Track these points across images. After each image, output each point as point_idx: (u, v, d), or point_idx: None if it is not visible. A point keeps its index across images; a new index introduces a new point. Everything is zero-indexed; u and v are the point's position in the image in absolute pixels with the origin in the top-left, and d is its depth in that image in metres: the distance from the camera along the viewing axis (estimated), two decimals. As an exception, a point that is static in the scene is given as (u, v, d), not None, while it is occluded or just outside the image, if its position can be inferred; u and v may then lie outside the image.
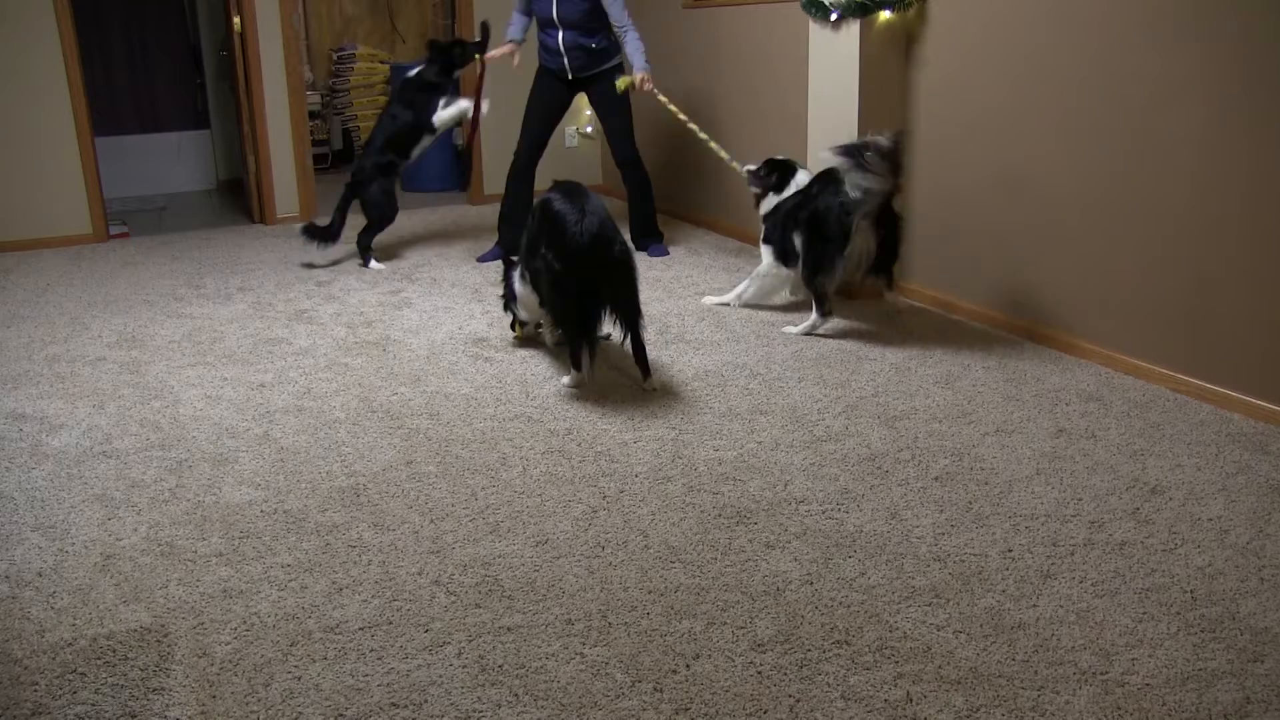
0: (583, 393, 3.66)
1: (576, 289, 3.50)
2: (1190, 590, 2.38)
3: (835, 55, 4.57)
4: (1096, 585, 2.40)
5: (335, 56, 9.57)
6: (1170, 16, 3.41)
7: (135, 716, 2.03)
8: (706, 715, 1.99)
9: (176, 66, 8.40)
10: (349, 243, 5.62)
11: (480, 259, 5.66)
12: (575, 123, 7.22)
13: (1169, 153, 3.48)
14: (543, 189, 3.96)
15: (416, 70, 5.53)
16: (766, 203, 4.51)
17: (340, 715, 2.02)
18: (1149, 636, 2.21)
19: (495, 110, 6.29)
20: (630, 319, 3.60)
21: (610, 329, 3.68)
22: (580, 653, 2.19)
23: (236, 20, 6.49)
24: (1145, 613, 2.29)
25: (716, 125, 5.91)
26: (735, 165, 4.96)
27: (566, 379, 3.73)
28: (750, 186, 4.65)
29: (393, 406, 3.57)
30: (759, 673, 2.11)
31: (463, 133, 5.45)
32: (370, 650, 2.21)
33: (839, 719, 1.98)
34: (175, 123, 8.46)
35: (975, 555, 2.54)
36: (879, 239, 4.06)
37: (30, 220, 6.22)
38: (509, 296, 4.07)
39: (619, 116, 5.51)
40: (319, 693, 2.08)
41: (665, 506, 2.83)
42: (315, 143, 8.50)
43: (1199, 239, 3.42)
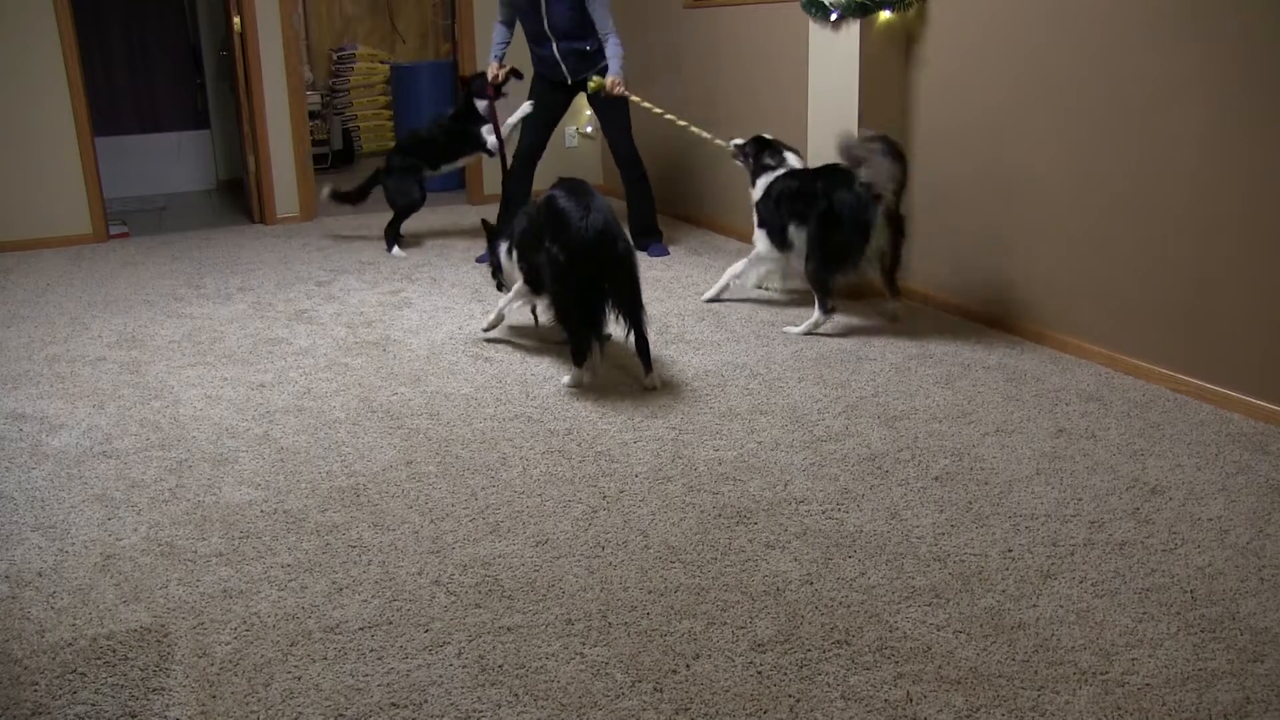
0: (583, 393, 3.66)
1: (580, 284, 3.54)
2: (1190, 590, 2.38)
3: (835, 55, 4.57)
4: (1096, 585, 2.40)
5: (335, 56, 9.58)
6: (1170, 16, 3.41)
7: (135, 716, 2.03)
8: (706, 715, 1.99)
9: (176, 66, 8.40)
10: (372, 234, 5.67)
11: (480, 259, 5.67)
12: (575, 123, 7.22)
13: (1169, 152, 3.48)
14: (542, 189, 3.97)
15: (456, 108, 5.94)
16: (758, 186, 4.51)
17: (340, 715, 2.02)
18: (1149, 636, 2.21)
19: (498, 109, 6.29)
20: (634, 315, 3.62)
21: (613, 328, 3.69)
22: (580, 653, 2.19)
23: (236, 20, 6.49)
24: (1145, 613, 2.29)
25: (716, 125, 5.90)
26: (720, 142, 4.96)
27: (567, 379, 3.73)
28: (734, 160, 4.69)
29: (393, 406, 3.57)
30: (759, 673, 2.11)
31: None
32: (370, 650, 2.21)
33: (839, 719, 1.98)
34: (175, 123, 8.46)
35: (975, 555, 2.54)
36: (892, 239, 4.09)
37: (30, 220, 6.22)
38: (495, 267, 4.22)
39: (617, 116, 5.52)
40: (319, 693, 2.08)
41: (665, 506, 2.83)
42: (315, 143, 8.49)
43: (1199, 239, 3.42)
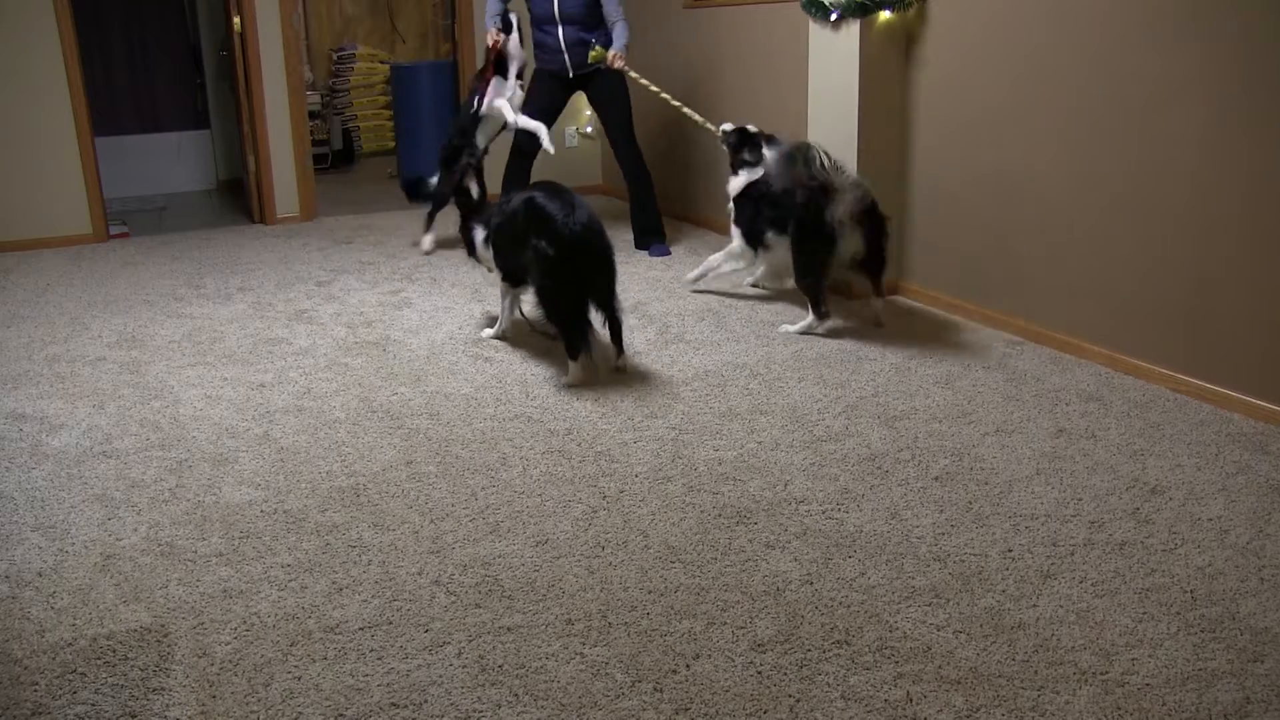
0: (583, 393, 3.66)
1: (569, 277, 3.61)
2: (1190, 590, 2.38)
3: (835, 55, 4.57)
4: (1096, 585, 2.40)
5: (335, 56, 9.57)
6: (1170, 16, 3.41)
7: (135, 716, 2.03)
8: (706, 715, 1.99)
9: (176, 66, 8.40)
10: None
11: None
12: (575, 123, 7.22)
13: (1169, 152, 3.48)
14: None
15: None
16: (735, 183, 4.55)
17: (340, 715, 2.02)
18: (1149, 636, 2.21)
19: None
20: (609, 303, 3.74)
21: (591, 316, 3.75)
22: (580, 653, 2.19)
23: (236, 20, 6.49)
24: (1145, 613, 2.29)
25: (716, 125, 5.90)
26: (711, 127, 5.01)
27: (566, 378, 3.73)
28: (721, 144, 4.74)
29: (393, 406, 3.57)
30: (759, 673, 2.11)
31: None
32: (370, 650, 2.21)
33: (839, 719, 1.98)
34: (175, 123, 8.46)
35: (975, 555, 2.54)
36: (866, 241, 4.11)
37: (30, 220, 6.22)
38: (469, 246, 4.27)
39: (619, 115, 5.52)
40: (319, 693, 2.08)
41: (665, 506, 2.83)
42: (315, 143, 8.49)
43: (1199, 239, 3.42)
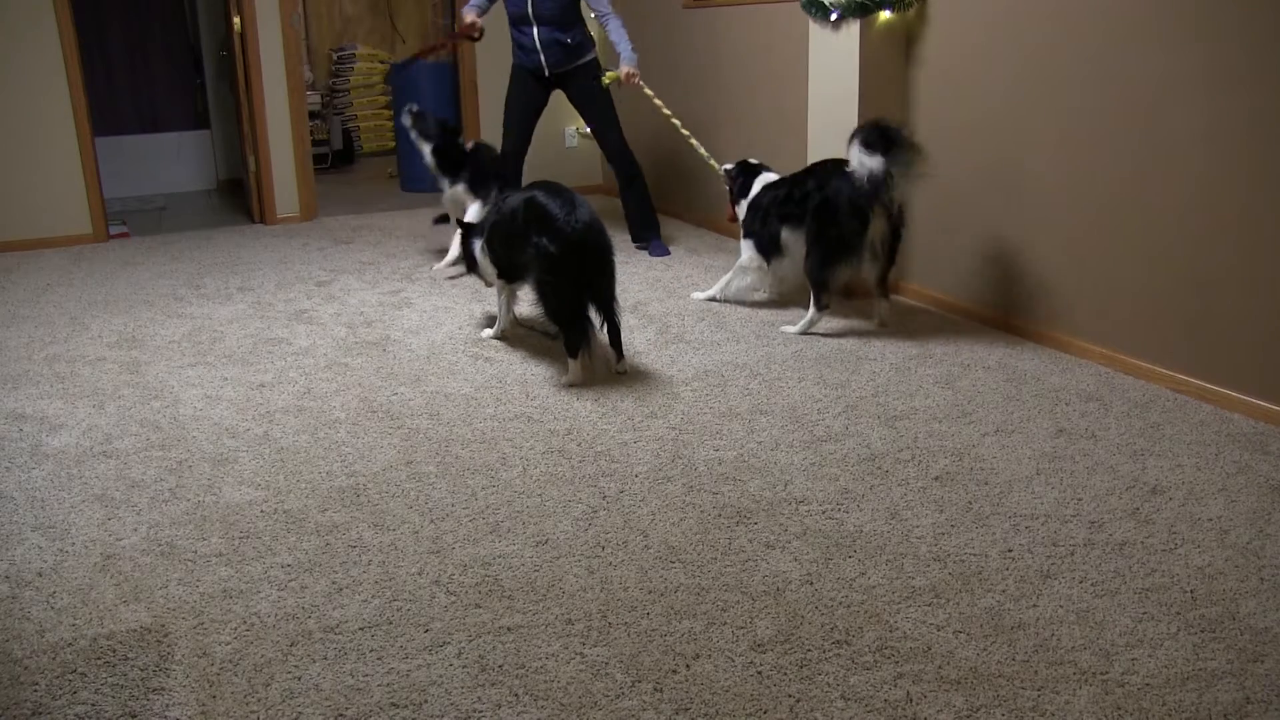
0: (583, 393, 3.66)
1: (571, 275, 3.61)
2: (1190, 590, 2.38)
3: (835, 55, 4.57)
4: (1096, 585, 2.40)
5: (335, 56, 9.58)
6: (1170, 16, 3.41)
7: (135, 716, 2.03)
8: (706, 715, 1.99)
9: (176, 66, 8.40)
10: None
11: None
12: (575, 123, 7.21)
13: (1169, 152, 3.48)
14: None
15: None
16: (743, 206, 4.56)
17: (340, 715, 2.02)
18: (1149, 636, 2.21)
19: (495, 111, 6.28)
20: (608, 304, 3.73)
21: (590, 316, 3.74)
22: (580, 653, 2.19)
23: (236, 20, 6.49)
24: (1145, 613, 2.29)
25: (716, 125, 5.91)
26: (714, 164, 5.04)
27: (566, 378, 3.73)
28: (724, 184, 4.75)
29: (393, 406, 3.57)
30: (759, 673, 2.11)
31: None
32: (370, 650, 2.21)
33: (839, 719, 1.98)
34: (175, 123, 8.46)
35: (975, 555, 2.54)
36: (892, 233, 4.08)
37: (30, 220, 6.22)
38: (470, 261, 4.25)
39: (602, 113, 5.49)
40: (319, 693, 2.08)
41: (665, 506, 2.83)
42: (315, 143, 8.50)
43: (1199, 239, 3.42)
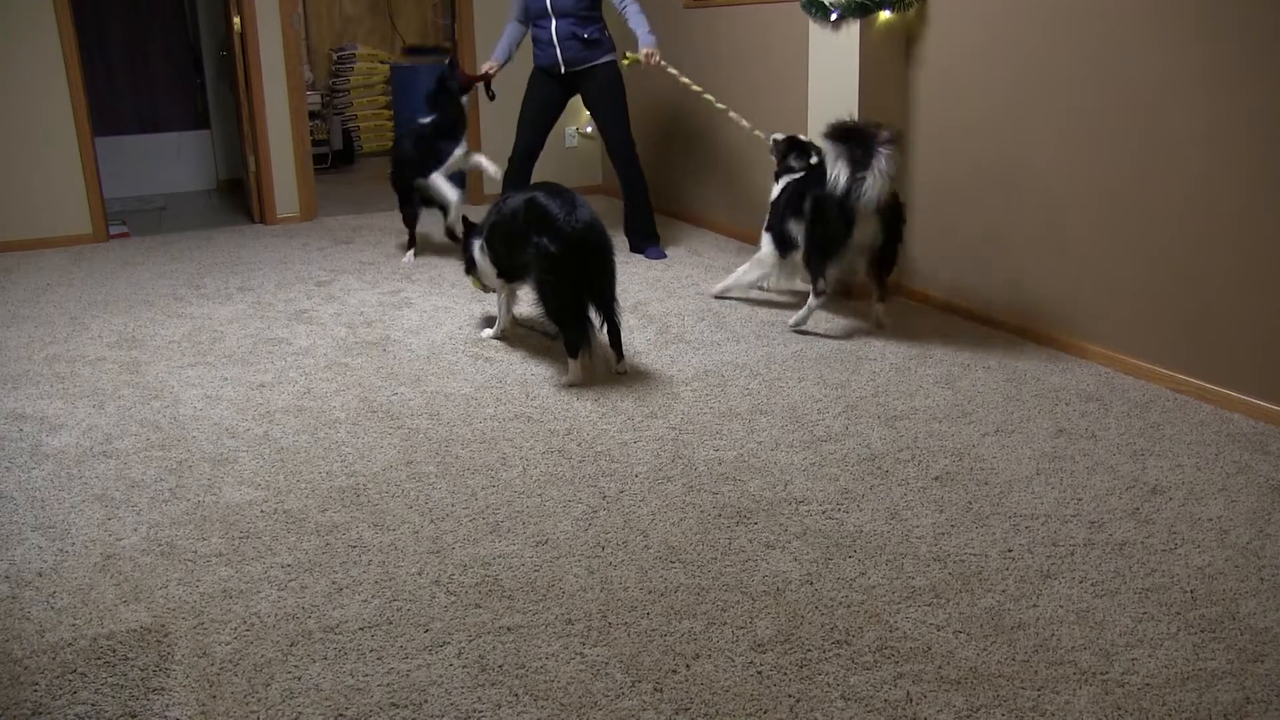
0: (583, 393, 3.66)
1: (571, 274, 3.62)
2: (1190, 590, 2.38)
3: (835, 55, 4.57)
4: (1096, 585, 2.40)
5: (335, 56, 9.58)
6: (1171, 16, 3.41)
7: (135, 716, 2.03)
8: (706, 715, 1.99)
9: (176, 66, 8.40)
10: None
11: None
12: (575, 123, 7.22)
13: (1169, 152, 3.48)
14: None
15: (430, 120, 5.59)
16: (777, 187, 4.53)
17: (340, 715, 2.02)
18: (1149, 636, 2.21)
19: (495, 112, 6.29)
20: (608, 305, 3.74)
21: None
22: (580, 653, 2.19)
23: (236, 20, 6.49)
24: (1145, 613, 2.29)
25: (716, 126, 5.91)
26: (759, 134, 4.93)
27: (566, 378, 3.73)
28: (771, 155, 4.69)
29: (393, 406, 3.57)
30: (759, 673, 2.11)
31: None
32: (370, 650, 2.21)
33: (839, 719, 1.98)
34: (175, 123, 8.46)
35: (975, 555, 2.54)
36: (885, 234, 4.07)
37: (30, 220, 6.22)
38: (469, 263, 4.25)
39: (613, 115, 5.50)
40: (319, 693, 2.08)
41: (665, 506, 2.83)
42: (315, 143, 8.50)
43: (1199, 239, 3.42)
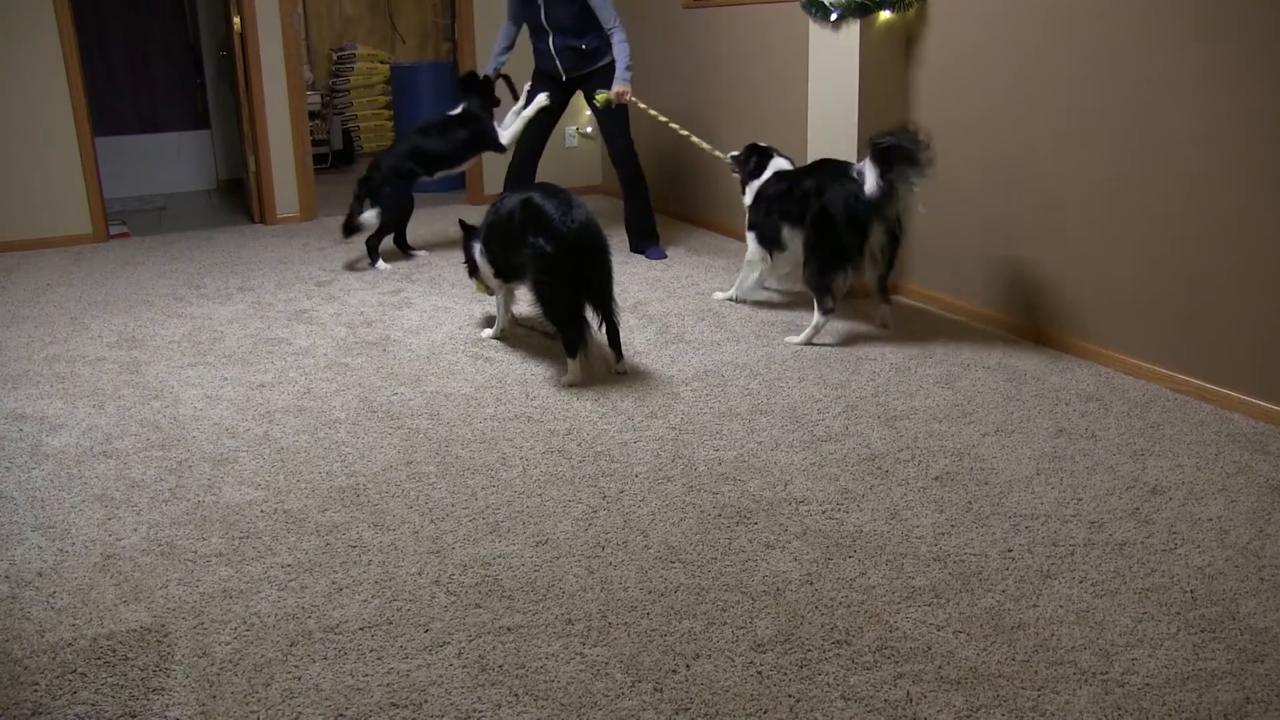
0: (582, 393, 3.66)
1: (568, 275, 3.63)
2: (1190, 590, 2.38)
3: (835, 55, 4.57)
4: (1096, 585, 2.40)
5: (335, 56, 9.58)
6: (1171, 16, 3.41)
7: (135, 716, 2.03)
8: (706, 715, 1.99)
9: (176, 66, 8.40)
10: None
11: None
12: (575, 123, 7.22)
13: (1169, 153, 3.48)
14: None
15: (462, 108, 5.66)
16: (750, 191, 4.55)
17: (340, 715, 2.02)
18: (1149, 636, 2.21)
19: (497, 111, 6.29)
20: (606, 305, 3.73)
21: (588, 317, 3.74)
22: (580, 653, 2.19)
23: (236, 20, 6.49)
24: (1145, 613, 2.29)
25: (716, 126, 5.91)
26: (719, 154, 5.04)
27: (565, 378, 3.73)
28: (733, 172, 4.73)
29: (393, 406, 3.57)
30: (759, 673, 2.11)
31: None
32: (370, 650, 2.21)
33: (839, 719, 1.98)
34: (175, 123, 8.46)
35: (975, 555, 2.54)
36: (889, 237, 4.05)
37: (30, 220, 6.22)
38: (471, 265, 4.25)
39: (614, 116, 5.51)
40: (319, 693, 2.08)
41: (665, 506, 2.83)
42: (315, 143, 8.50)
43: (1199, 239, 3.42)
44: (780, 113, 5.36)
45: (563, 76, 5.46)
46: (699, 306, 4.67)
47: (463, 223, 4.34)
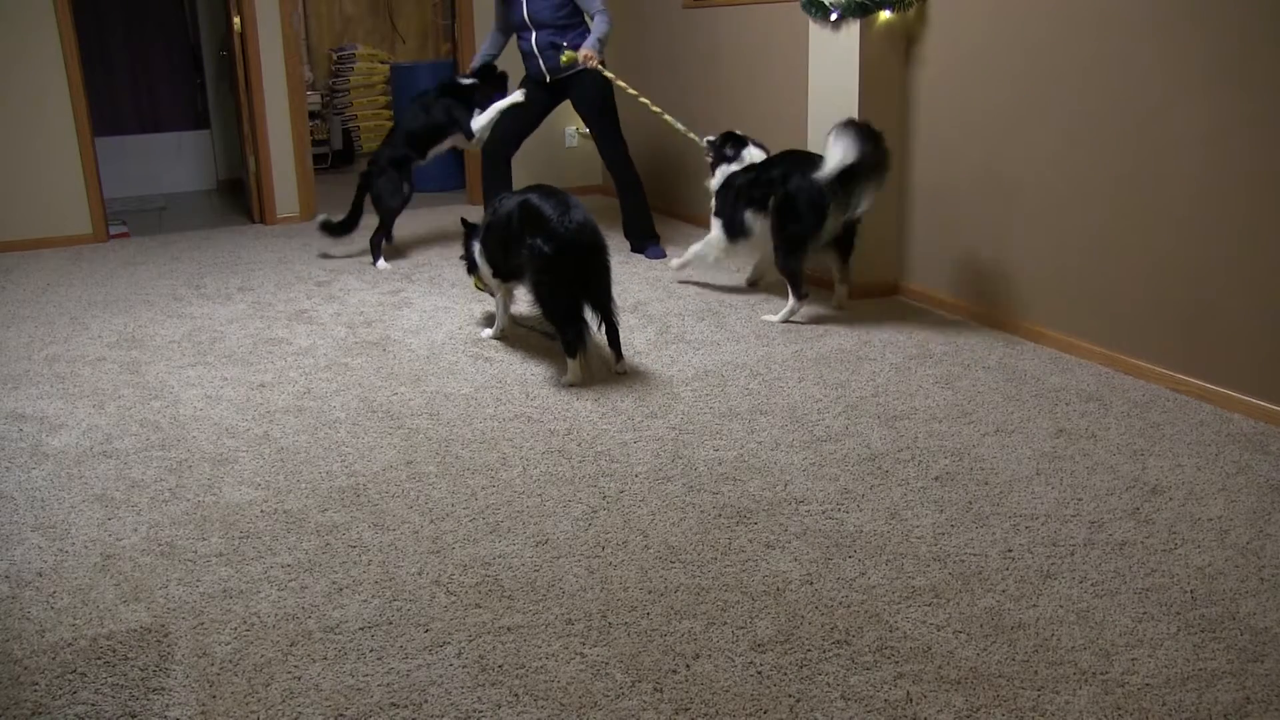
0: (582, 393, 3.66)
1: (566, 275, 3.64)
2: (1190, 590, 2.38)
3: (835, 55, 4.57)
4: (1096, 585, 2.40)
5: (335, 56, 9.58)
6: (1171, 17, 3.41)
7: (135, 716, 2.03)
8: (706, 715, 1.99)
9: (176, 66, 8.40)
10: (365, 235, 5.70)
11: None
12: (575, 123, 7.21)
13: (1170, 153, 3.47)
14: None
15: (456, 79, 5.72)
16: (717, 176, 4.67)
17: (340, 715, 2.02)
18: (1149, 636, 2.21)
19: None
20: (605, 305, 3.74)
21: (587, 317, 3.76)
22: (580, 653, 2.19)
23: (236, 20, 6.49)
24: (1145, 613, 2.29)
25: (717, 126, 5.90)
26: (693, 136, 5.09)
27: (565, 378, 3.73)
28: (706, 156, 4.82)
29: (393, 406, 3.57)
30: (759, 673, 2.11)
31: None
32: (370, 650, 2.21)
33: (839, 719, 1.98)
34: (175, 123, 8.46)
35: (975, 555, 2.54)
36: (844, 225, 4.26)
37: (30, 220, 6.22)
38: (470, 263, 4.25)
39: (603, 117, 5.51)
40: (319, 693, 2.08)
41: (665, 506, 2.83)
42: (315, 143, 8.50)
43: (1199, 239, 3.42)
44: (780, 113, 5.35)
45: (546, 78, 5.45)
46: (699, 306, 4.67)
47: (465, 220, 4.34)
